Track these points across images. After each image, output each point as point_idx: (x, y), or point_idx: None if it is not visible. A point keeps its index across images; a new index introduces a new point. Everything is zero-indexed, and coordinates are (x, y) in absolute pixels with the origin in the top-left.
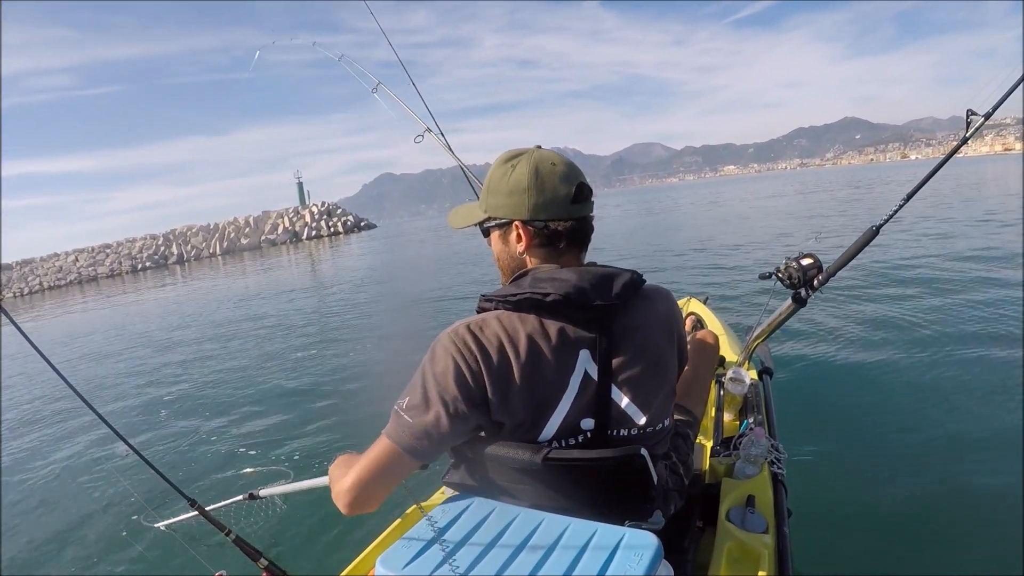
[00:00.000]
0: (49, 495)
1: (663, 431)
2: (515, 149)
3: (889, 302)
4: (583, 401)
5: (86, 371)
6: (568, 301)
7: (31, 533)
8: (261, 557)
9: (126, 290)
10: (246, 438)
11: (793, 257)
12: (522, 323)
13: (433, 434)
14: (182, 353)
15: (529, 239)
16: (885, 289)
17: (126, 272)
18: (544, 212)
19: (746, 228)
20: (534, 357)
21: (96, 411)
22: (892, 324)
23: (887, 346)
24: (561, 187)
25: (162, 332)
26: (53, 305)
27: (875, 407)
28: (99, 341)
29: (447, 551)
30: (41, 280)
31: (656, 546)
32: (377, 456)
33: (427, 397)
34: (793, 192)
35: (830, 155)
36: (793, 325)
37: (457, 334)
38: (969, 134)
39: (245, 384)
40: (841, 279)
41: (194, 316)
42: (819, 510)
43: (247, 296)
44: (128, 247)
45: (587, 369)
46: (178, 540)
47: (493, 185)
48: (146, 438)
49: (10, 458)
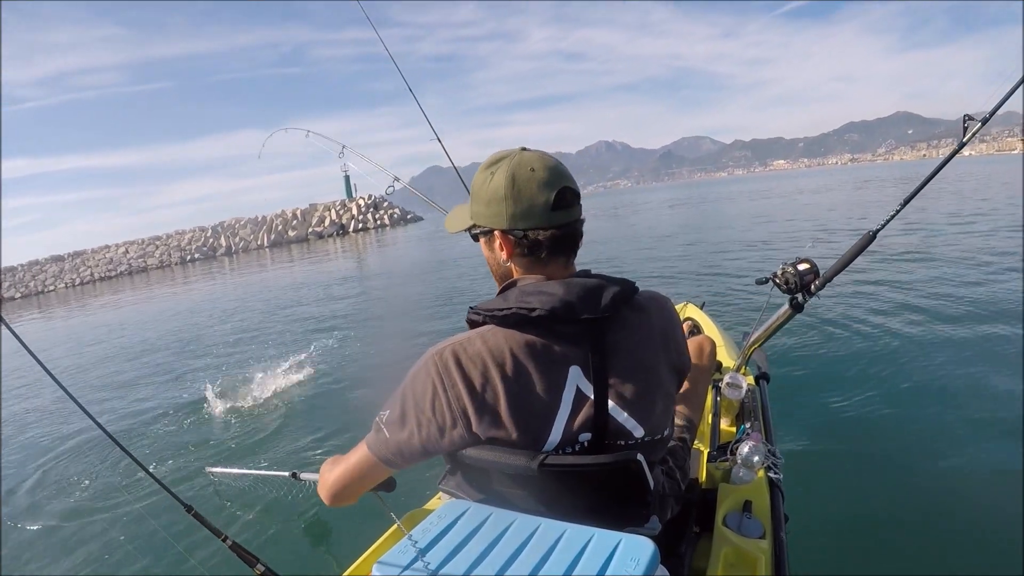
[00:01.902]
0: (48, 495)
1: (663, 440)
2: (500, 152)
3: (886, 306)
4: (579, 418)
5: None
6: (554, 316)
7: (29, 534)
8: (258, 563)
9: (175, 279)
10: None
11: (790, 262)
12: (507, 340)
13: (405, 451)
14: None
15: (510, 248)
16: (882, 293)
17: (175, 264)
18: (523, 221)
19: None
20: (520, 375)
21: (94, 418)
22: (889, 329)
23: (884, 351)
24: (540, 195)
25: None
26: (96, 297)
27: (873, 412)
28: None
29: (443, 557)
30: (92, 271)
31: (653, 551)
32: (356, 463)
33: (404, 415)
34: (850, 186)
35: (881, 150)
36: (790, 330)
37: (441, 357)
38: (966, 139)
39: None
40: (838, 283)
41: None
42: (816, 515)
43: (295, 285)
44: (177, 239)
45: (579, 386)
46: (175, 546)
47: (475, 192)
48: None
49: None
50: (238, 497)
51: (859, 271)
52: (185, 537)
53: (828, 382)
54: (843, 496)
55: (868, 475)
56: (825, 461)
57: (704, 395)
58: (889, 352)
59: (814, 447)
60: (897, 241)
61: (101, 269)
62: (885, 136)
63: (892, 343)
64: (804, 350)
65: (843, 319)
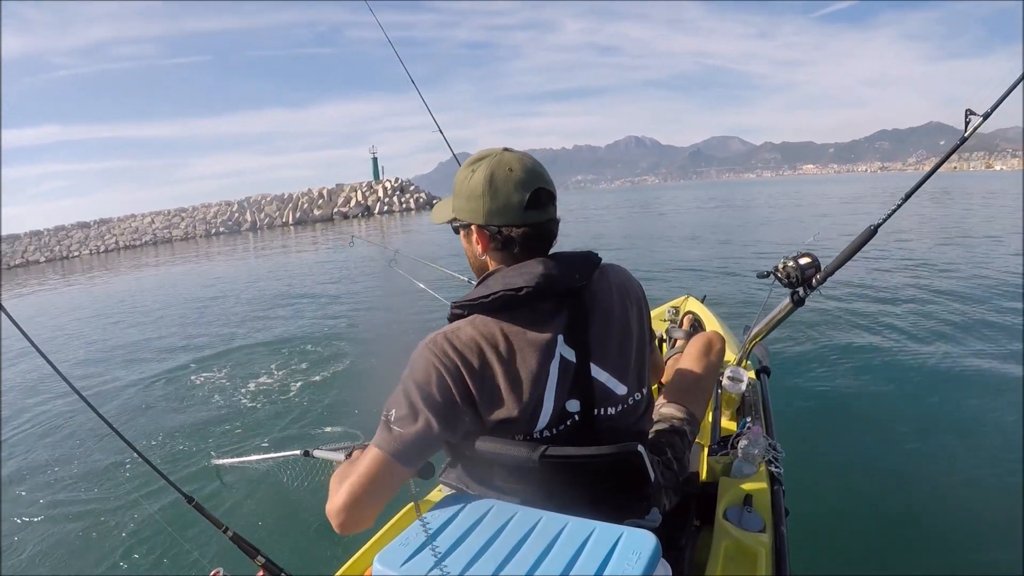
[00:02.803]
0: (47, 486)
1: (641, 402)
2: (483, 151)
3: (887, 300)
4: (566, 384)
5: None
6: (538, 291)
7: (26, 531)
8: (258, 554)
9: (198, 252)
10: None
11: (791, 256)
12: (497, 324)
13: (423, 442)
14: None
15: (485, 243)
16: (883, 288)
17: (200, 236)
18: (497, 218)
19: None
20: (513, 354)
21: (98, 411)
22: (890, 323)
23: (886, 344)
24: (515, 194)
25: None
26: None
27: (874, 406)
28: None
29: (444, 549)
30: (117, 239)
31: (654, 545)
32: (368, 468)
33: (413, 407)
34: (886, 194)
35: (912, 160)
36: (791, 324)
37: (435, 343)
38: (968, 133)
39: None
40: (839, 278)
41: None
42: (817, 509)
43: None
44: (203, 212)
45: (563, 354)
46: (175, 537)
47: (456, 187)
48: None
49: (6, 453)
50: (239, 489)
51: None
52: (186, 528)
53: (829, 376)
54: (844, 490)
55: (869, 469)
56: (826, 455)
57: (709, 391)
58: (891, 346)
59: (815, 441)
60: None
61: (126, 237)
62: (916, 146)
63: (894, 337)
64: (806, 344)
65: (845, 313)
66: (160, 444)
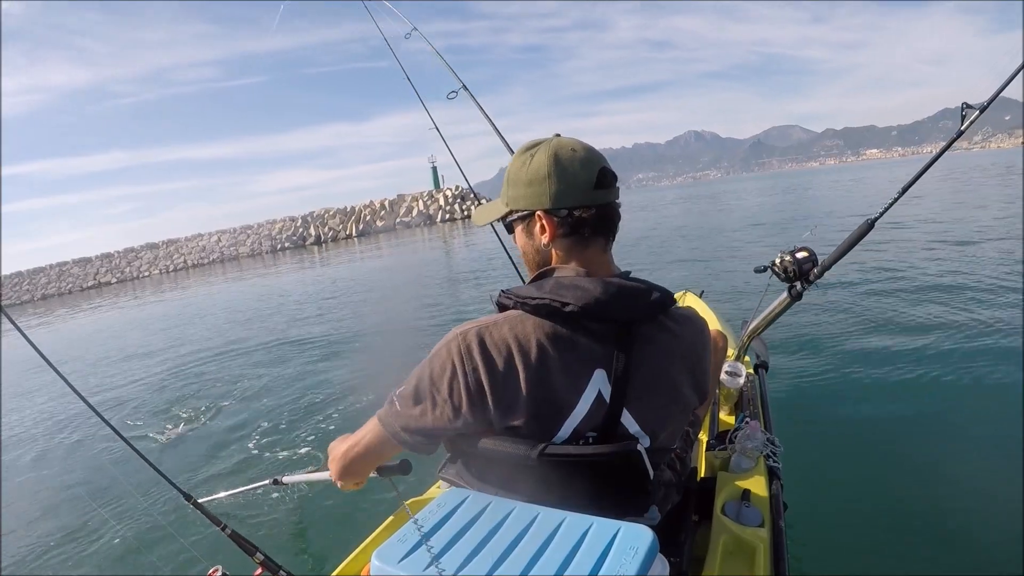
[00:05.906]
0: (47, 486)
1: (665, 451)
2: (533, 140)
3: (886, 294)
4: (591, 420)
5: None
6: (586, 313)
7: (25, 528)
8: (257, 552)
9: (266, 267)
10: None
11: (788, 250)
12: (535, 329)
13: (412, 427)
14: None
15: (553, 229)
16: (881, 282)
17: (266, 252)
18: (566, 199)
19: None
20: (543, 366)
21: (96, 410)
22: (889, 317)
23: (884, 339)
24: (582, 173)
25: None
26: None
27: (872, 401)
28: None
29: (443, 546)
30: (185, 258)
31: (652, 540)
32: (366, 436)
33: (419, 392)
34: (959, 180)
35: (978, 138)
36: (789, 318)
37: (465, 338)
38: (964, 127)
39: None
40: (836, 271)
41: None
42: (815, 504)
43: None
44: (268, 228)
45: (601, 390)
46: (174, 535)
47: (512, 176)
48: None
49: (7, 453)
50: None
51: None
52: (185, 527)
53: (827, 371)
54: (842, 485)
55: (867, 464)
56: (824, 450)
57: (713, 390)
58: (890, 341)
59: (813, 436)
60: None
61: (194, 256)
62: (981, 123)
63: (893, 332)
64: (803, 339)
65: (843, 307)
66: (160, 444)
